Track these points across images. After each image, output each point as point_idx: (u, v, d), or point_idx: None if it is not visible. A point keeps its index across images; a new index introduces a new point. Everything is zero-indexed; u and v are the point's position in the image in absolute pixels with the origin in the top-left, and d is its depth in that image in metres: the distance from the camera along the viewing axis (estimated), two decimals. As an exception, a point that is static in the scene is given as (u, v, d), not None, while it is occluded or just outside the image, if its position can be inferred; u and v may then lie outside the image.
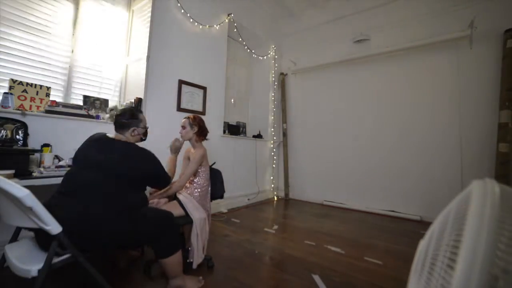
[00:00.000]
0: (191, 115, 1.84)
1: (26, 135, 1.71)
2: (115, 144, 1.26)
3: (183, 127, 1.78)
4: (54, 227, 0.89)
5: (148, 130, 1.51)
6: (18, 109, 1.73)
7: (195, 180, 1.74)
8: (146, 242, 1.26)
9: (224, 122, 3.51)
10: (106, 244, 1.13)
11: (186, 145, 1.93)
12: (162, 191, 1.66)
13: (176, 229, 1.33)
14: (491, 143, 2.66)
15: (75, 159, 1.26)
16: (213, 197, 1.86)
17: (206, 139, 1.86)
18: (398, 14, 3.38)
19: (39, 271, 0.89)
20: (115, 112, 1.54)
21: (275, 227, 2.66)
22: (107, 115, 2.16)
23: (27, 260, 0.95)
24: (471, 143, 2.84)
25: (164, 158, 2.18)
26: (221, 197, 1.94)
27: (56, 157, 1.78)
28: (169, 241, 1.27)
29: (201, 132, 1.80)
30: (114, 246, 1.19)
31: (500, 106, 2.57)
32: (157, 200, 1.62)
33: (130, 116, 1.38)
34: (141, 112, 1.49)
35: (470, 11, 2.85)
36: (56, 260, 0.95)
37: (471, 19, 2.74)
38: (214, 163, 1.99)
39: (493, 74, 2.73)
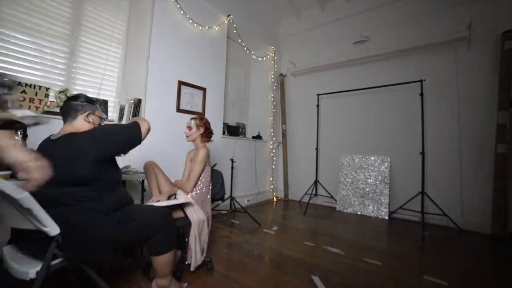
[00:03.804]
0: (197, 116, 1.85)
1: (25, 136, 1.70)
2: (65, 143, 1.05)
3: (189, 127, 1.79)
4: (52, 228, 0.89)
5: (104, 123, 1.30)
6: (17, 110, 1.73)
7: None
8: (141, 241, 1.19)
9: (224, 123, 3.52)
10: (99, 251, 1.04)
11: (189, 146, 1.92)
12: (168, 191, 1.66)
13: (172, 227, 1.27)
14: (490, 144, 2.67)
15: None
16: (213, 199, 1.86)
17: (210, 141, 1.86)
18: (397, 16, 3.39)
19: (37, 273, 0.89)
20: (65, 96, 1.19)
21: (275, 228, 2.65)
22: (54, 101, 1.50)
23: (25, 262, 0.94)
24: (469, 143, 2.85)
25: (165, 158, 2.18)
26: (222, 199, 1.94)
27: None
28: (163, 239, 1.20)
29: (207, 134, 1.81)
30: (110, 251, 1.08)
31: (499, 107, 2.58)
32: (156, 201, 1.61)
33: (86, 99, 1.21)
34: (97, 101, 1.32)
35: (468, 12, 2.86)
36: (54, 262, 0.94)
37: (469, 21, 2.76)
38: (215, 164, 1.99)
39: (491, 75, 2.74)
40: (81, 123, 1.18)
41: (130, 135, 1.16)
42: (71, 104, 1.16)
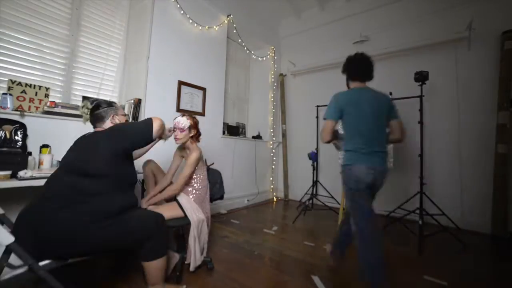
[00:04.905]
0: (186, 114, 1.74)
1: (25, 136, 1.70)
2: (88, 137, 1.20)
3: (182, 129, 1.64)
4: (4, 237, 0.85)
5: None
6: (17, 110, 1.73)
7: (192, 182, 1.72)
8: (130, 246, 1.18)
9: (224, 123, 3.52)
10: (84, 251, 1.06)
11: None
12: (158, 196, 1.65)
13: (164, 233, 1.25)
14: (490, 144, 2.67)
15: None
16: (212, 198, 1.86)
17: (198, 141, 1.79)
18: (397, 16, 3.39)
19: None
20: (87, 109, 1.43)
21: (275, 228, 2.66)
22: (81, 114, 1.85)
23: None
24: (469, 144, 2.85)
25: (164, 158, 2.18)
26: (221, 198, 1.94)
27: (59, 162, 1.79)
28: (154, 245, 1.19)
29: (197, 135, 1.76)
30: (95, 252, 1.10)
31: (499, 107, 2.58)
32: (152, 206, 1.59)
33: (107, 105, 1.35)
34: (115, 103, 1.45)
35: (468, 12, 2.86)
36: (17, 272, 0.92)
37: (469, 21, 2.76)
38: (212, 163, 1.98)
39: (491, 75, 2.74)
40: (109, 125, 1.31)
41: (142, 131, 1.21)
42: (96, 114, 1.31)
